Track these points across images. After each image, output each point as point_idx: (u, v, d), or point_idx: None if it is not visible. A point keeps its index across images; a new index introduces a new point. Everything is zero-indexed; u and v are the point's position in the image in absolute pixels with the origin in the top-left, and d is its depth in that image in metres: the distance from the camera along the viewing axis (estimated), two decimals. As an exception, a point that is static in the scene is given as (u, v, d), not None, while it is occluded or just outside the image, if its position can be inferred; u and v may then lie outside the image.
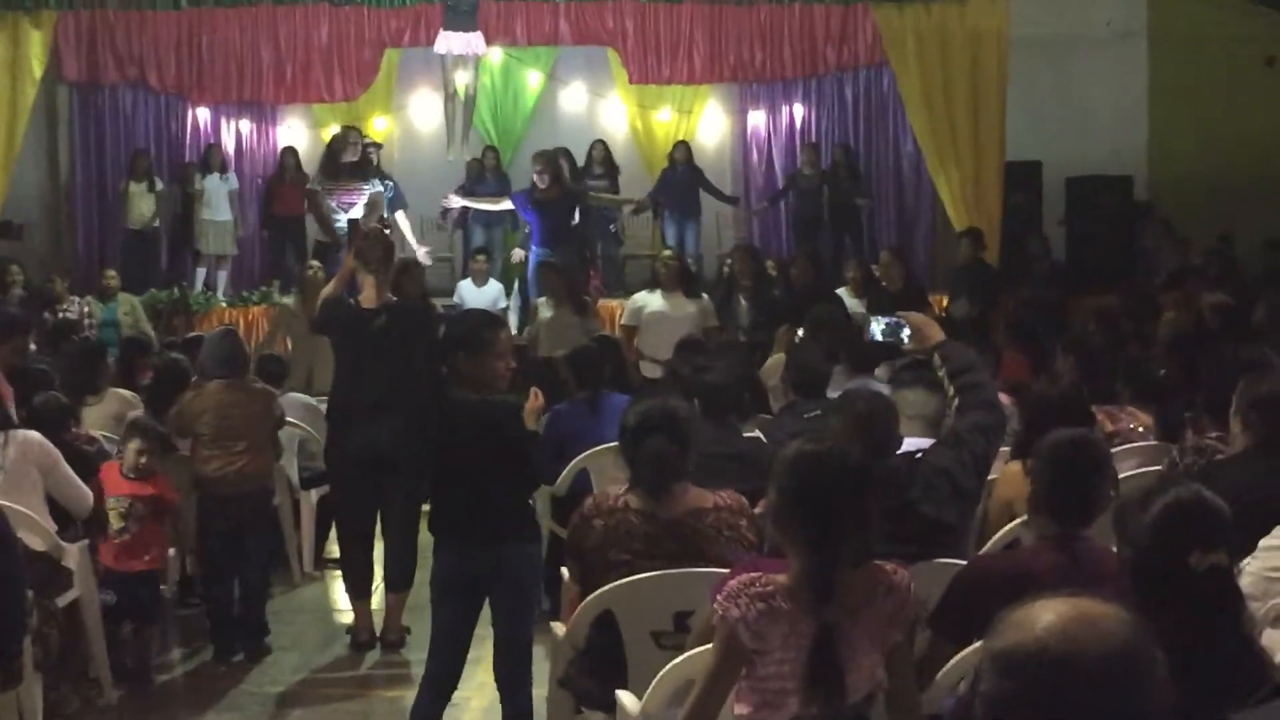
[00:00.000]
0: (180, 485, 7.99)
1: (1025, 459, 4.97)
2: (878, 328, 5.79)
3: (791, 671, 3.67)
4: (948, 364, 5.40)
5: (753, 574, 3.76)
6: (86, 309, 14.12)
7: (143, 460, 7.52)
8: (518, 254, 15.38)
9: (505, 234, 17.24)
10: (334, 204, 14.53)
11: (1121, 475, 5.80)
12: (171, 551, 8.01)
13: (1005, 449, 6.54)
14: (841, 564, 3.71)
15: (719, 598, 3.73)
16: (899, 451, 5.21)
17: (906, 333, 5.61)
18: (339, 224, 14.11)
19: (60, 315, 13.75)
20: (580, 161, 16.82)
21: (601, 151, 17.51)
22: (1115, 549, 3.65)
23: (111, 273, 15.15)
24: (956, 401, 5.33)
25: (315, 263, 13.69)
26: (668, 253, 13.16)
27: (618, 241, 17.41)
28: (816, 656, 3.65)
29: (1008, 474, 5.98)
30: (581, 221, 14.93)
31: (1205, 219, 16.64)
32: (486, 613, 6.08)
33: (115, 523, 7.35)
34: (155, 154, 17.73)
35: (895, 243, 16.54)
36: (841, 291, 13.20)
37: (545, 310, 12.05)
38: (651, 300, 11.77)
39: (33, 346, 9.92)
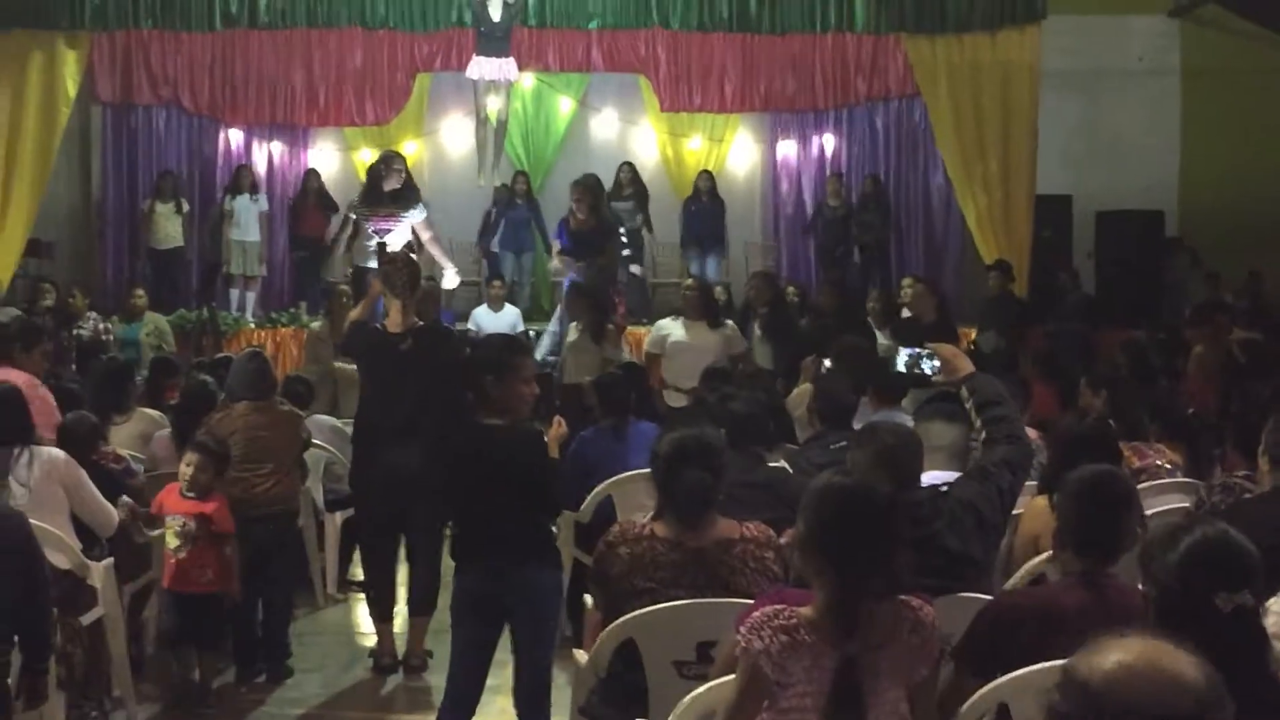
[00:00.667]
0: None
1: (1052, 494, 4.94)
2: (902, 359, 5.76)
3: (813, 704, 3.66)
4: (976, 396, 5.37)
5: (777, 606, 3.75)
6: (103, 326, 14.12)
7: (199, 477, 7.39)
8: (553, 265, 15.11)
9: (534, 261, 17.29)
10: (371, 229, 14.52)
11: (1149, 512, 5.77)
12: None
13: (1031, 483, 6.53)
14: (867, 598, 3.70)
15: (742, 629, 3.72)
16: (924, 484, 5.19)
17: (935, 364, 5.58)
18: (372, 248, 14.13)
19: (75, 332, 13.77)
20: (608, 184, 16.82)
21: (629, 173, 17.54)
22: (1141, 587, 3.63)
23: (140, 292, 15.16)
24: (983, 434, 5.30)
25: (344, 286, 13.71)
26: (690, 281, 13.14)
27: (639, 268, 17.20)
28: (839, 690, 3.64)
29: (1034, 508, 5.96)
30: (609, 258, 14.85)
31: (1236, 254, 16.61)
32: (507, 638, 6.08)
33: (172, 542, 7.30)
34: (186, 175, 17.86)
35: (924, 274, 16.52)
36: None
37: (572, 334, 12.05)
38: (675, 329, 11.76)
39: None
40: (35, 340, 8.80)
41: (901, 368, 5.78)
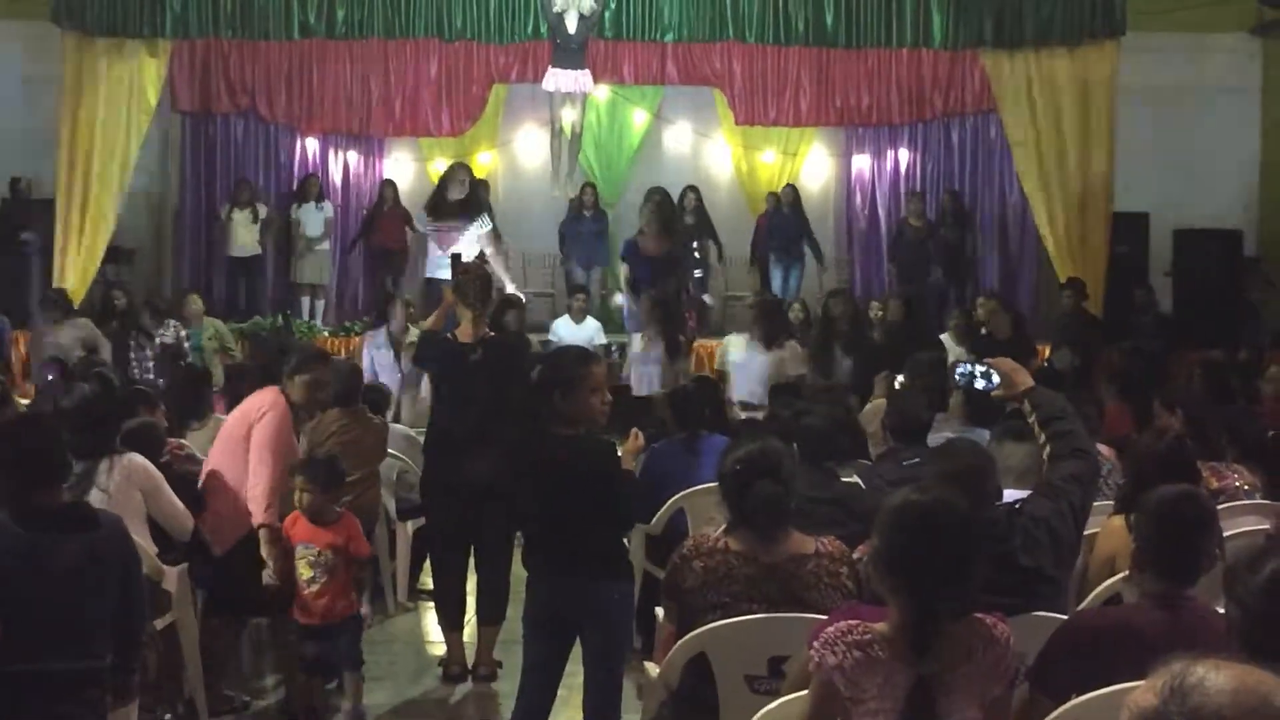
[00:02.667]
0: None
1: (1129, 514, 4.90)
2: (960, 374, 5.73)
3: (886, 720, 3.64)
4: (1038, 411, 5.32)
5: (851, 622, 3.73)
6: (185, 334, 14.24)
7: (316, 501, 7.13)
8: (617, 300, 15.16)
9: (604, 273, 17.30)
10: (434, 241, 14.58)
11: (1227, 534, 5.71)
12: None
13: (1107, 503, 6.47)
14: (941, 617, 3.67)
15: (816, 644, 3.70)
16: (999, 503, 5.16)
17: (994, 379, 5.52)
18: (444, 259, 14.17)
19: (159, 339, 13.88)
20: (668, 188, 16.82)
21: (694, 200, 17.34)
22: (1221, 609, 3.59)
23: (195, 297, 15.28)
24: (1048, 450, 5.26)
25: (407, 297, 13.82)
26: (752, 299, 13.07)
27: (704, 286, 17.01)
28: (912, 709, 3.61)
29: (1110, 528, 5.91)
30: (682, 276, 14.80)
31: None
32: (577, 650, 6.08)
33: (305, 573, 7.06)
34: (263, 183, 18.01)
35: (999, 290, 16.46)
36: (945, 337, 13.12)
37: (638, 344, 11.98)
38: (736, 349, 11.70)
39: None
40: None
41: (959, 381, 5.74)
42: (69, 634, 4.88)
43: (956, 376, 5.71)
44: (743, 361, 11.46)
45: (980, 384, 5.56)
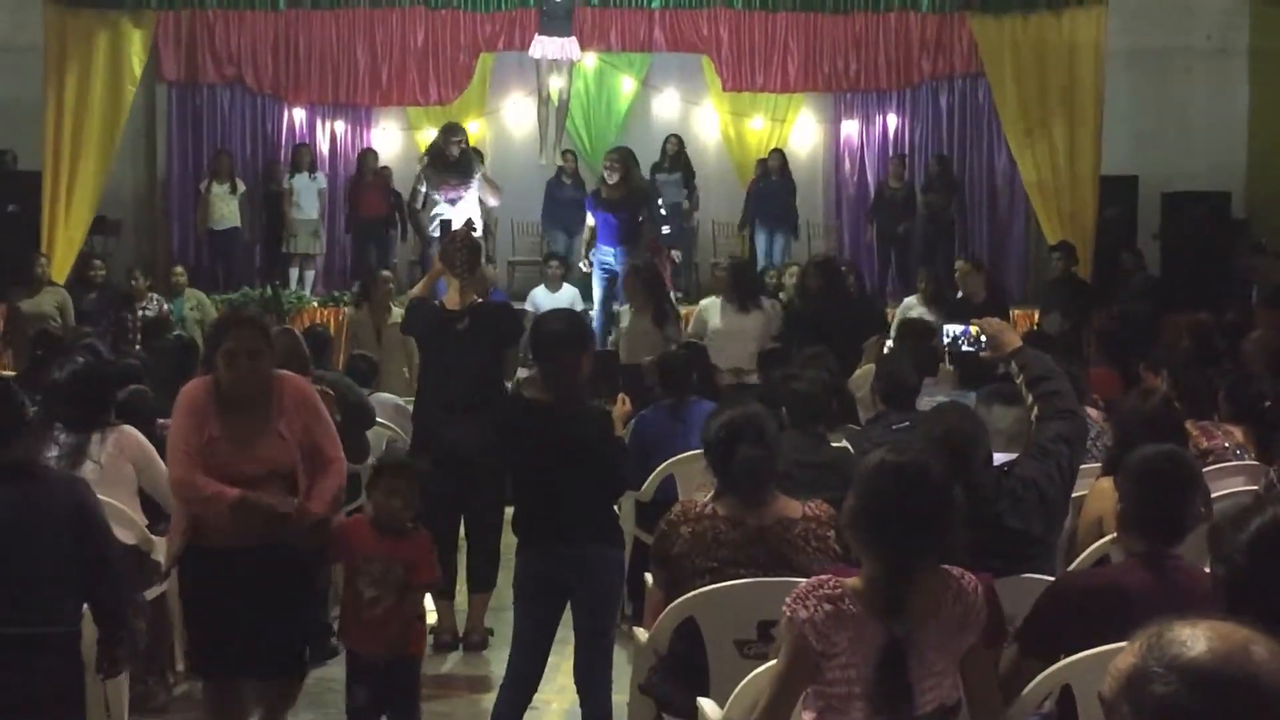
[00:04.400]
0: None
1: (1116, 475, 4.90)
2: (947, 335, 5.73)
3: (857, 676, 3.64)
4: (1025, 372, 5.33)
5: (823, 577, 3.75)
6: (168, 308, 14.21)
7: (396, 505, 6.13)
8: (583, 266, 15.01)
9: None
10: (439, 196, 14.52)
11: (1216, 494, 5.72)
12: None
13: (1095, 465, 6.49)
14: (913, 575, 3.68)
15: (788, 599, 3.71)
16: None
17: (981, 340, 5.52)
18: (441, 215, 14.13)
19: (141, 312, 13.86)
20: (657, 157, 16.85)
21: (675, 146, 17.42)
22: (1208, 568, 3.59)
23: (179, 269, 15.29)
24: (1035, 410, 5.26)
25: (386, 272, 13.78)
26: (723, 262, 12.94)
27: (676, 240, 16.85)
28: (885, 667, 3.62)
29: (1098, 490, 5.92)
30: (648, 224, 14.77)
31: (1305, 236, 16.43)
32: (567, 616, 6.09)
33: (367, 591, 6.01)
34: (250, 154, 17.97)
35: (987, 254, 16.48)
36: (912, 300, 13.15)
37: (626, 318, 11.90)
38: (714, 315, 11.41)
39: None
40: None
41: (946, 344, 5.74)
42: (3, 594, 4.82)
43: (944, 338, 5.71)
44: (725, 328, 11.22)
45: (967, 345, 5.56)
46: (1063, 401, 5.24)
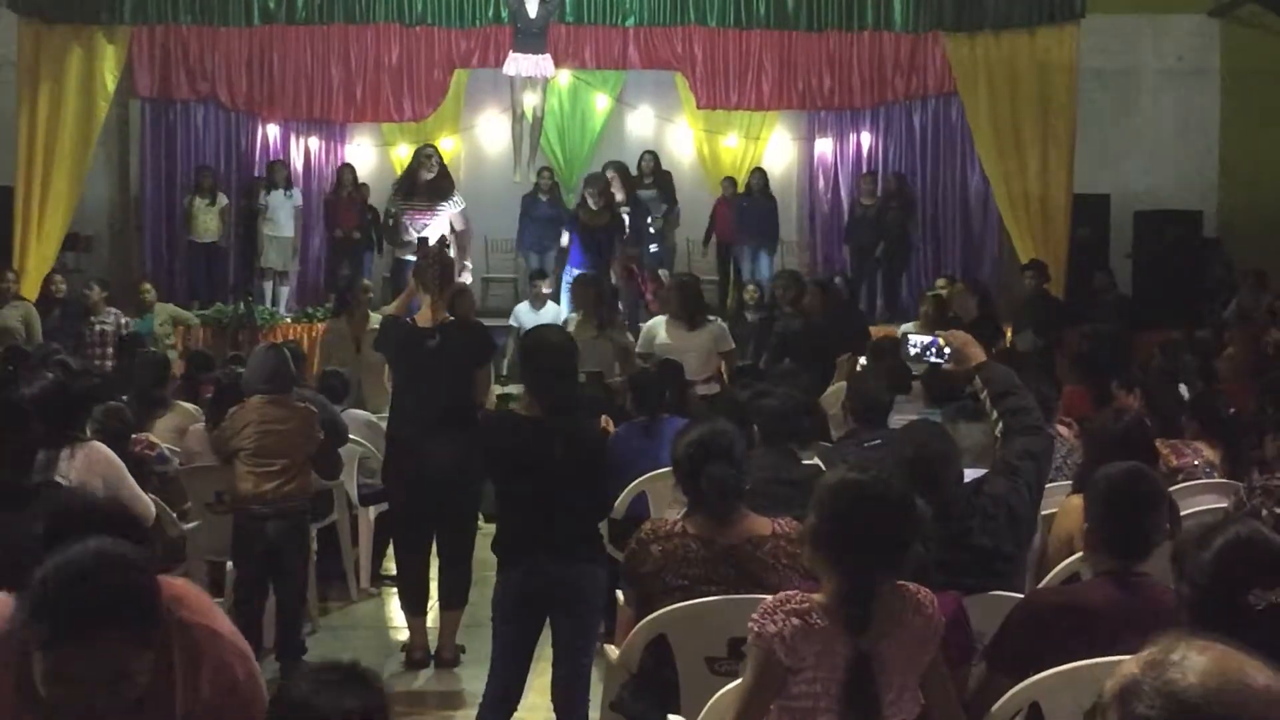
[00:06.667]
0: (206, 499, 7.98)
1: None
2: (912, 347, 5.73)
3: (823, 690, 3.66)
4: (990, 387, 5.34)
5: (789, 592, 3.76)
6: (124, 321, 14.13)
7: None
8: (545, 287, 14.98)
9: (559, 255, 17.33)
10: (407, 223, 14.54)
11: (1186, 512, 5.74)
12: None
13: (1066, 483, 6.51)
14: (876, 591, 3.69)
15: (755, 615, 3.72)
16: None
17: (945, 353, 5.53)
18: (410, 241, 14.15)
19: (97, 327, 13.80)
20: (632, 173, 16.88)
21: (650, 163, 17.57)
22: (1174, 586, 3.61)
23: (147, 285, 15.31)
24: (1000, 425, 5.27)
25: (367, 281, 13.78)
26: (669, 278, 12.95)
27: (660, 260, 16.99)
28: (852, 681, 3.63)
29: (1068, 508, 5.93)
30: (631, 237, 14.79)
31: (1275, 255, 16.49)
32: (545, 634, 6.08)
33: None
34: (224, 170, 17.94)
35: (960, 273, 16.55)
36: (909, 326, 13.15)
37: (573, 326, 11.82)
38: (660, 331, 11.15)
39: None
40: None
41: (911, 355, 5.75)
42: None
43: (909, 349, 5.72)
44: (671, 345, 10.86)
45: (933, 357, 5.58)
46: (1028, 417, 5.26)
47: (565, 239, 14.42)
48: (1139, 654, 2.28)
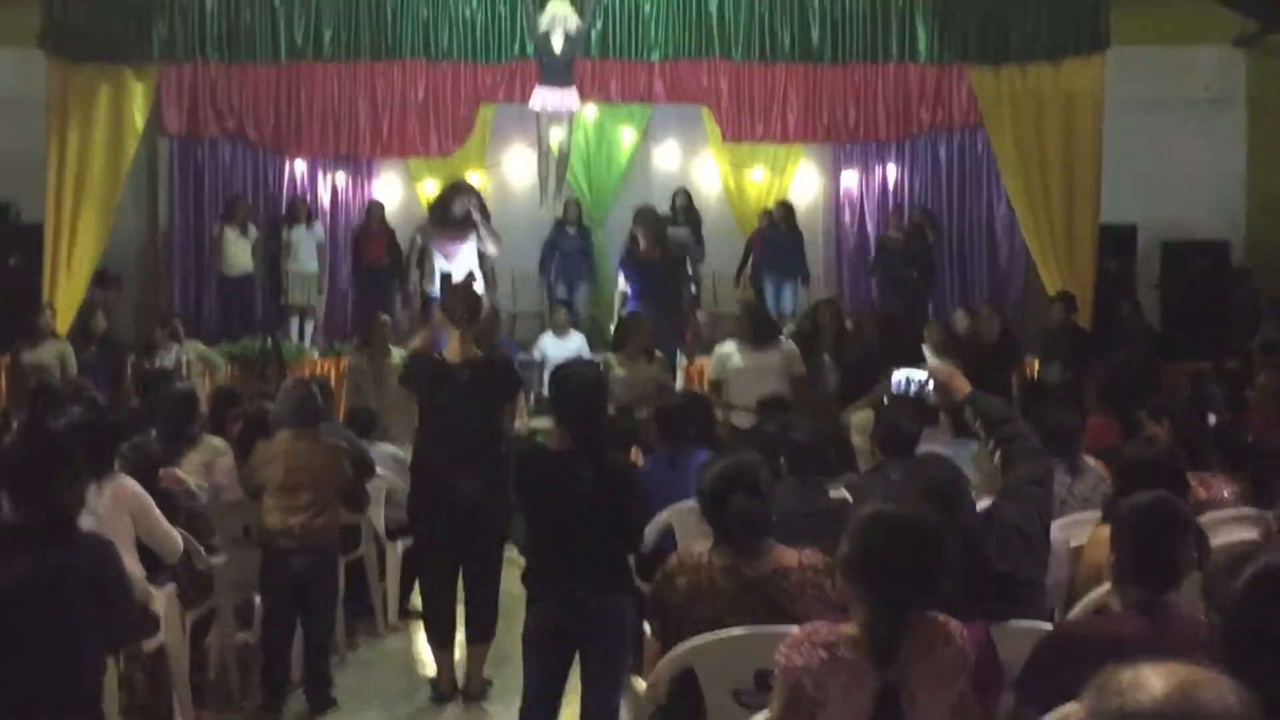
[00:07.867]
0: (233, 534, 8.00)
1: (1112, 522, 4.89)
2: (898, 381, 5.77)
3: (850, 723, 3.64)
4: (983, 417, 5.35)
5: (816, 624, 3.75)
6: (186, 358, 14.29)
7: None
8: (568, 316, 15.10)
9: (589, 290, 17.35)
10: (436, 251, 14.56)
11: (1216, 543, 5.71)
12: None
13: (1095, 513, 6.48)
14: (906, 622, 3.68)
15: (782, 647, 3.71)
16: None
17: (929, 385, 5.55)
18: (441, 269, 14.19)
19: (158, 364, 13.94)
20: (663, 210, 16.88)
21: (684, 200, 17.67)
22: (1204, 615, 3.59)
23: (175, 321, 15.38)
24: (999, 454, 5.27)
25: (384, 316, 13.79)
26: (741, 304, 12.97)
27: (697, 302, 17.01)
28: (879, 716, 3.62)
29: (1097, 538, 5.90)
30: (685, 284, 14.80)
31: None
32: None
33: None
34: (251, 205, 17.98)
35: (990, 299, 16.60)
36: (925, 350, 13.17)
37: (616, 365, 11.78)
38: (734, 354, 11.20)
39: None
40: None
41: (896, 389, 5.77)
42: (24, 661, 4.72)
43: (893, 384, 5.76)
44: (745, 367, 10.97)
45: (914, 390, 5.61)
46: (1026, 443, 5.28)
47: (622, 282, 14.25)
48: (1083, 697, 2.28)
